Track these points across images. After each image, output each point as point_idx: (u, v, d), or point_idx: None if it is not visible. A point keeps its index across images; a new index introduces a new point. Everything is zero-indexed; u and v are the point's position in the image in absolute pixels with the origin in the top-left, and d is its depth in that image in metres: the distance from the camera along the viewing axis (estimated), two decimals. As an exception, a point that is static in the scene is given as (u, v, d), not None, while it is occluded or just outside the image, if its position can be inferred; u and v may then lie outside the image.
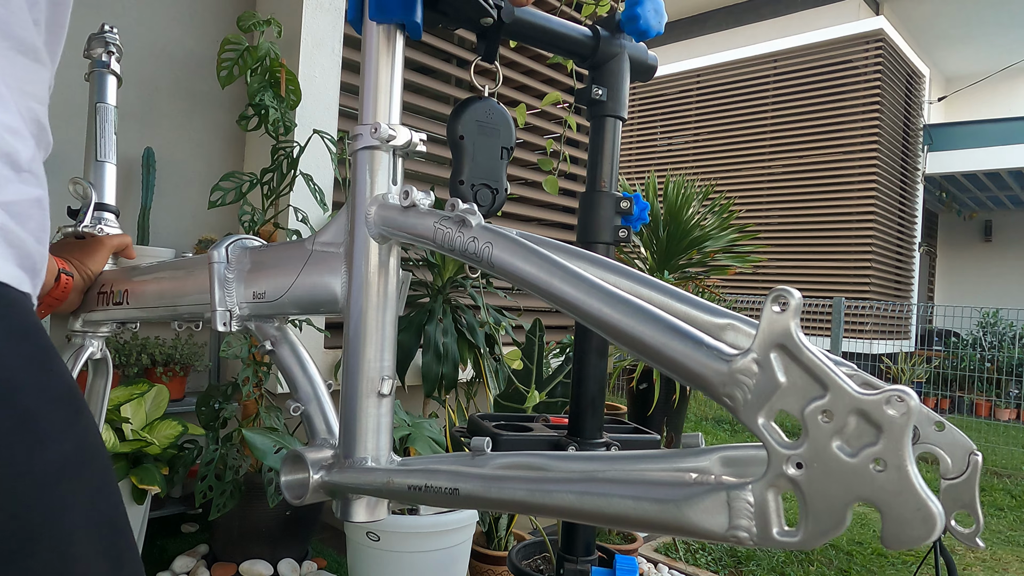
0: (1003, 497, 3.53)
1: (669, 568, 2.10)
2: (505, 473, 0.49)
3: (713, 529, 0.38)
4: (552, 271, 0.47)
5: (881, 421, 0.33)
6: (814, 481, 0.34)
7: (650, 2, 0.78)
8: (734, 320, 0.53)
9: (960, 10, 8.23)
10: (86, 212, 0.89)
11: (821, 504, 0.34)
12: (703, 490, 0.38)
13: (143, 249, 1.89)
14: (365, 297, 0.57)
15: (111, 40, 0.94)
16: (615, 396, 4.85)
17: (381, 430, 0.58)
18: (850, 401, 0.34)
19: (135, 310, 0.81)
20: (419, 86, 2.46)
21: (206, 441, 1.70)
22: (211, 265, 0.67)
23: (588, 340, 0.88)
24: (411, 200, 0.55)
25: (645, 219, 0.88)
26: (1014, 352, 6.51)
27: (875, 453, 0.33)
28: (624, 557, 0.97)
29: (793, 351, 0.35)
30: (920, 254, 8.19)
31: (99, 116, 0.93)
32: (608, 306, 0.43)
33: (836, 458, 0.34)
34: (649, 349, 0.40)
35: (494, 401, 1.84)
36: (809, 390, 0.35)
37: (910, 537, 0.32)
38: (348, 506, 0.59)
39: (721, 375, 0.37)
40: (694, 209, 3.41)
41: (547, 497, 0.46)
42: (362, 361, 0.57)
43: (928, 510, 0.32)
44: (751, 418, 0.36)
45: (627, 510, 0.41)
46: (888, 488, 0.33)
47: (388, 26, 0.57)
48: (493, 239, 0.50)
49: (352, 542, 1.63)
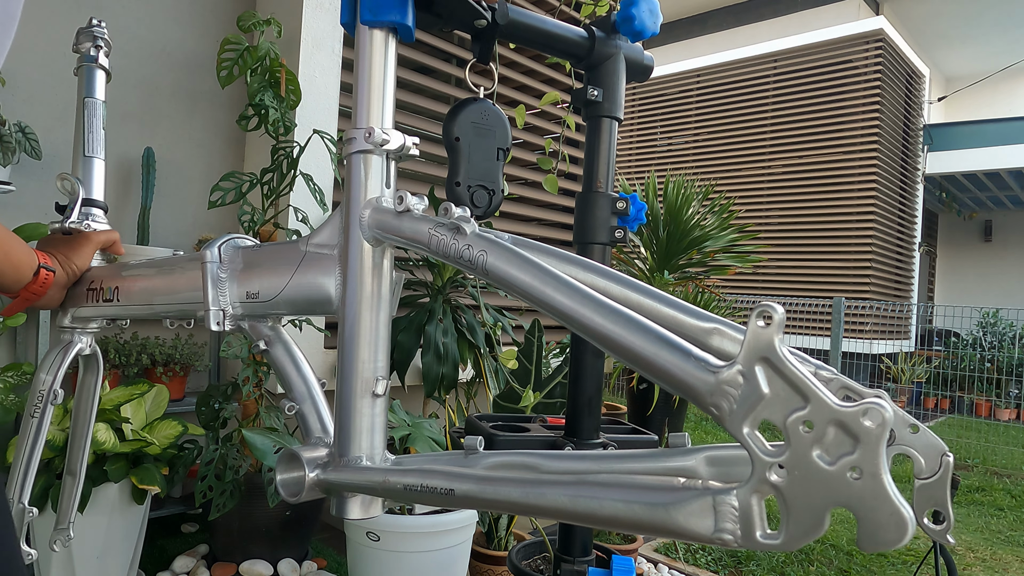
0: (1003, 497, 3.52)
1: (669, 568, 2.10)
2: (500, 474, 0.50)
3: (700, 532, 0.39)
4: (545, 280, 0.47)
5: (858, 432, 0.34)
6: (795, 487, 0.36)
7: (645, 3, 0.78)
8: (719, 324, 0.55)
9: (960, 10, 8.22)
10: (73, 207, 0.89)
11: (801, 509, 0.36)
12: (691, 495, 0.40)
13: (143, 249, 1.90)
14: (359, 299, 0.58)
15: (99, 34, 0.93)
16: (615, 396, 4.85)
17: (375, 429, 0.59)
18: (829, 413, 0.35)
19: (126, 307, 0.81)
20: (418, 86, 2.46)
21: (206, 441, 1.70)
22: (204, 264, 0.67)
23: (585, 341, 0.88)
24: (405, 205, 0.55)
25: (642, 219, 0.88)
26: (1014, 352, 6.50)
27: (852, 462, 0.35)
28: (621, 558, 0.97)
29: (776, 364, 0.37)
30: (920, 254, 8.19)
31: (87, 111, 0.93)
32: (600, 316, 0.44)
33: (816, 466, 0.36)
34: (640, 359, 0.42)
35: (493, 401, 1.84)
36: (791, 401, 0.37)
37: (884, 540, 0.34)
38: (343, 503, 0.60)
39: (708, 385, 0.38)
40: (694, 209, 3.41)
41: (541, 499, 0.47)
42: (356, 362, 0.58)
43: (900, 516, 0.34)
44: (736, 427, 0.38)
45: (618, 512, 0.43)
46: (864, 495, 0.34)
47: (380, 29, 0.57)
48: (487, 247, 0.50)
49: (352, 542, 1.63)
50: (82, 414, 1.00)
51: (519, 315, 2.67)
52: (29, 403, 0.90)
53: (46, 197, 1.84)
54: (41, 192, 1.84)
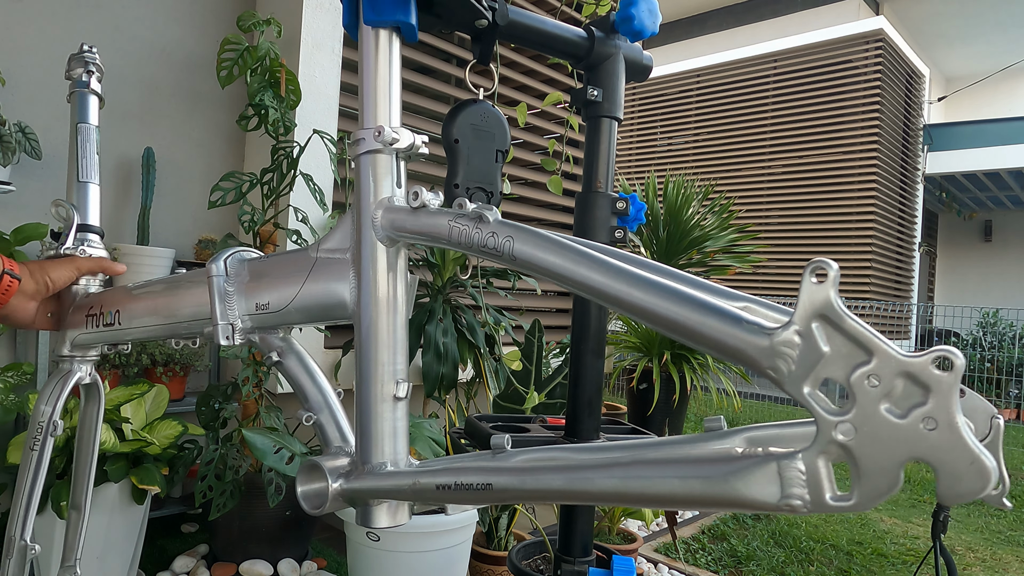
0: (1003, 497, 3.52)
1: (669, 568, 2.10)
2: (539, 464, 0.49)
3: (765, 500, 0.38)
4: (578, 260, 0.47)
5: (929, 381, 0.34)
6: (865, 444, 0.35)
7: (644, 2, 0.78)
8: (750, 303, 0.53)
9: (960, 10, 8.22)
10: (68, 234, 0.85)
11: (873, 467, 0.35)
12: (753, 462, 0.39)
13: (143, 249, 1.90)
14: (375, 301, 0.56)
15: (91, 60, 0.92)
16: (615, 396, 4.86)
17: (398, 433, 0.57)
18: (897, 364, 0.35)
19: (128, 330, 0.78)
20: (419, 86, 2.46)
21: (206, 441, 1.70)
22: (210, 279, 0.65)
23: (585, 340, 0.88)
24: (421, 201, 0.54)
25: (641, 219, 0.88)
26: (1014, 352, 6.50)
27: (925, 412, 0.34)
28: (621, 558, 0.97)
29: (835, 320, 0.36)
30: (920, 254, 8.19)
31: (80, 137, 0.91)
32: (640, 290, 0.43)
33: (886, 420, 0.35)
34: (686, 330, 0.41)
35: (493, 401, 1.84)
36: (854, 357, 0.36)
37: (967, 491, 0.33)
38: (369, 512, 0.58)
39: (763, 349, 0.37)
40: (694, 209, 3.41)
41: (588, 484, 0.45)
42: (376, 365, 0.56)
43: (981, 464, 0.33)
44: (796, 388, 0.37)
45: (674, 489, 0.42)
46: (941, 445, 0.33)
47: (384, 29, 0.57)
48: (514, 233, 0.50)
49: (352, 542, 1.63)
50: (84, 446, 0.95)
51: (519, 315, 2.67)
52: (28, 436, 0.86)
53: (46, 197, 1.84)
54: (41, 192, 1.84)
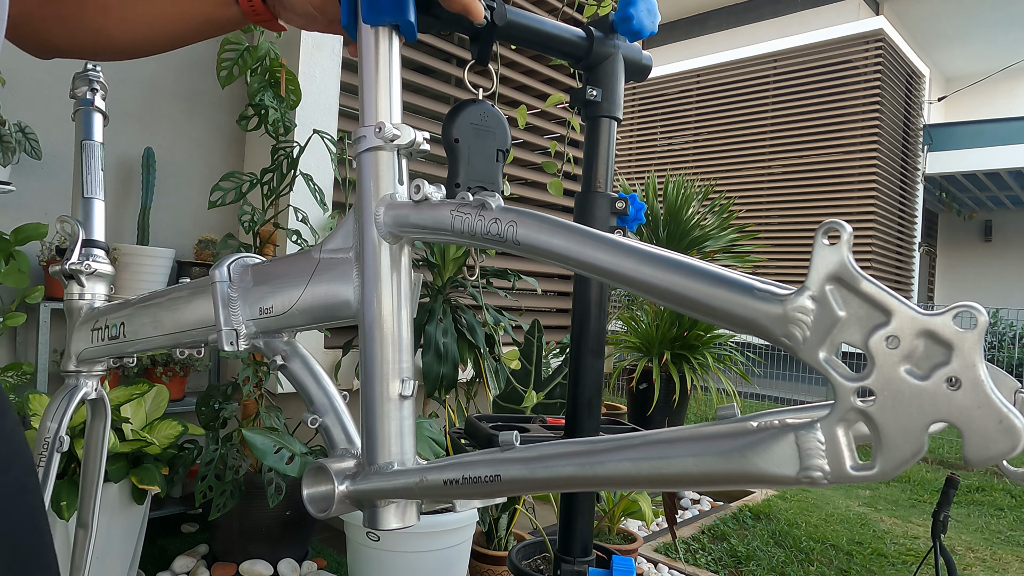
0: (1003, 497, 3.52)
1: (669, 568, 2.10)
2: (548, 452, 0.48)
3: (784, 473, 0.37)
4: (583, 240, 0.46)
5: (951, 339, 0.32)
6: (886, 409, 0.34)
7: (643, 2, 0.78)
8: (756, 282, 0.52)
9: (960, 10, 8.22)
10: (73, 249, 0.86)
11: (896, 432, 0.34)
12: (769, 435, 0.37)
13: (143, 249, 1.90)
14: (379, 300, 0.56)
15: (95, 78, 0.93)
16: (615, 396, 4.86)
17: (404, 433, 0.57)
18: (916, 323, 0.33)
19: (133, 341, 0.78)
20: (419, 86, 2.46)
21: (206, 441, 1.70)
22: (214, 285, 0.65)
23: (585, 340, 0.88)
24: (423, 194, 0.54)
25: (641, 219, 0.88)
26: (1014, 352, 6.51)
27: (948, 372, 0.32)
28: (621, 558, 0.97)
29: (850, 282, 0.35)
30: (920, 254, 8.19)
31: (85, 153, 0.92)
32: (649, 266, 0.42)
33: (907, 383, 0.33)
34: (696, 303, 0.40)
35: (493, 401, 1.84)
36: (871, 318, 0.35)
37: (996, 451, 0.31)
38: (377, 514, 0.57)
39: (776, 317, 0.36)
40: (694, 209, 3.41)
41: (600, 468, 0.45)
42: (381, 364, 0.56)
43: (1011, 421, 0.31)
44: (812, 355, 0.36)
45: (688, 468, 0.41)
46: (966, 405, 0.32)
47: (383, 27, 0.57)
48: (517, 218, 0.50)
49: (352, 542, 1.63)
50: (91, 463, 0.95)
51: (519, 315, 2.67)
52: (35, 452, 0.86)
53: (46, 197, 1.84)
54: (41, 192, 1.84)
